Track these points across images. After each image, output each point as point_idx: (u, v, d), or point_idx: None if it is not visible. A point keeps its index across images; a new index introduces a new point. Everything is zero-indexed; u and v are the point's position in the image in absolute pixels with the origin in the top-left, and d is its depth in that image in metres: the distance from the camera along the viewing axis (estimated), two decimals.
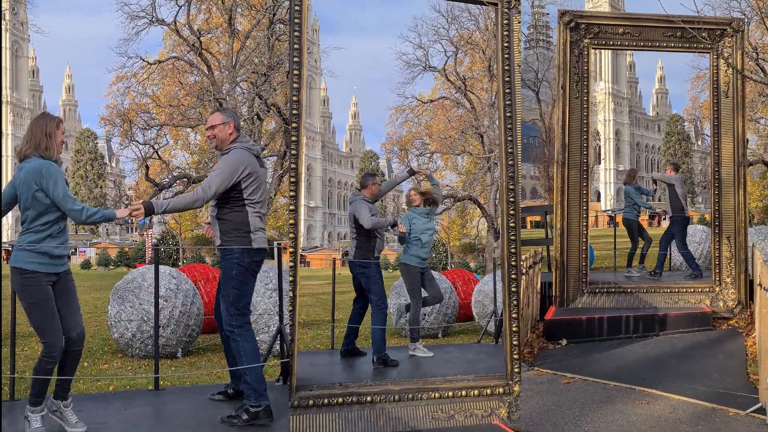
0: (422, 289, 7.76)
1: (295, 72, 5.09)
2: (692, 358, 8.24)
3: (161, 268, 9.92)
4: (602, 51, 18.77)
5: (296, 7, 5.06)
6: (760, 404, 6.17)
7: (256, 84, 23.30)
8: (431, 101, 31.97)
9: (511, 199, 5.53)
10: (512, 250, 5.51)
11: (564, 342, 9.13)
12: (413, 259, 7.66)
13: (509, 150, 5.52)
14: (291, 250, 5.19)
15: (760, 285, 7.04)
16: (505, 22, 5.62)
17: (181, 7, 24.69)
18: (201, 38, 24.64)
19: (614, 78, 79.68)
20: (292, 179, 5.05)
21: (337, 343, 9.12)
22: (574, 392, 7.06)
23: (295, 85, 5.07)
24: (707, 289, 9.85)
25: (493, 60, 25.55)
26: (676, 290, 9.95)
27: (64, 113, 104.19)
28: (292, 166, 5.07)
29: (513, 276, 5.51)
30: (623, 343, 9.04)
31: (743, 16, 14.72)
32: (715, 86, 9.72)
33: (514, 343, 5.48)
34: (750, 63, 18.16)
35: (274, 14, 23.91)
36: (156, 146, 26.01)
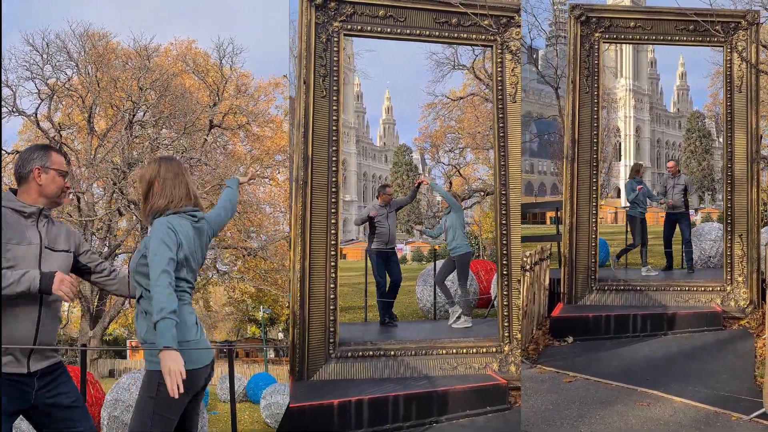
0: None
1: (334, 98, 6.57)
2: (700, 358, 8.05)
3: None
4: (623, 46, 18.61)
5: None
6: (763, 409, 5.99)
7: (117, 180, 23.81)
8: (461, 98, 31.75)
9: (503, 202, 7.03)
10: (503, 242, 7.00)
11: (570, 339, 8.98)
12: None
13: (501, 164, 7.03)
14: (333, 242, 6.49)
15: None
16: (499, 60, 6.98)
17: (42, 101, 25.33)
18: (61, 132, 25.02)
19: (635, 74, 78.99)
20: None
21: (370, 317, 10.21)
22: (574, 391, 6.92)
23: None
24: (718, 288, 9.62)
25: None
26: (687, 288, 9.71)
27: None
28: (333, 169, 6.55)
29: (504, 262, 6.98)
30: (630, 341, 8.86)
31: (761, 8, 14.42)
32: (729, 81, 9.48)
33: (505, 314, 6.97)
34: (765, 57, 17.82)
35: (134, 114, 25.05)
36: None
